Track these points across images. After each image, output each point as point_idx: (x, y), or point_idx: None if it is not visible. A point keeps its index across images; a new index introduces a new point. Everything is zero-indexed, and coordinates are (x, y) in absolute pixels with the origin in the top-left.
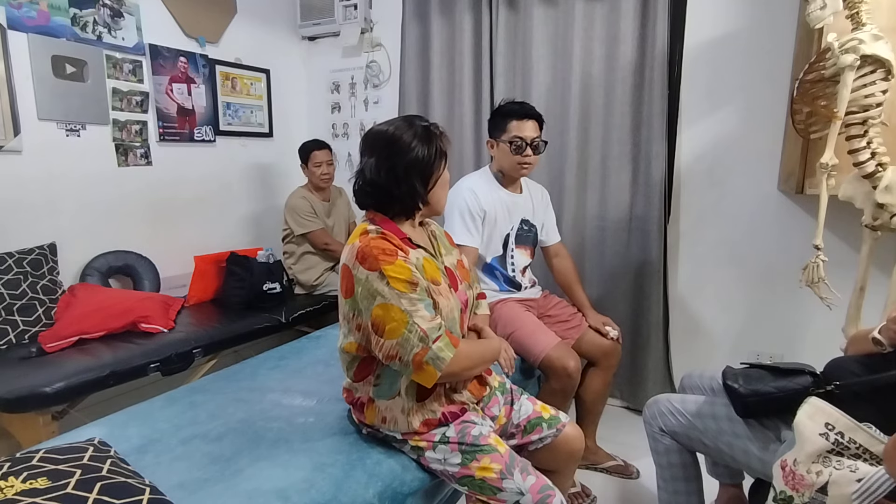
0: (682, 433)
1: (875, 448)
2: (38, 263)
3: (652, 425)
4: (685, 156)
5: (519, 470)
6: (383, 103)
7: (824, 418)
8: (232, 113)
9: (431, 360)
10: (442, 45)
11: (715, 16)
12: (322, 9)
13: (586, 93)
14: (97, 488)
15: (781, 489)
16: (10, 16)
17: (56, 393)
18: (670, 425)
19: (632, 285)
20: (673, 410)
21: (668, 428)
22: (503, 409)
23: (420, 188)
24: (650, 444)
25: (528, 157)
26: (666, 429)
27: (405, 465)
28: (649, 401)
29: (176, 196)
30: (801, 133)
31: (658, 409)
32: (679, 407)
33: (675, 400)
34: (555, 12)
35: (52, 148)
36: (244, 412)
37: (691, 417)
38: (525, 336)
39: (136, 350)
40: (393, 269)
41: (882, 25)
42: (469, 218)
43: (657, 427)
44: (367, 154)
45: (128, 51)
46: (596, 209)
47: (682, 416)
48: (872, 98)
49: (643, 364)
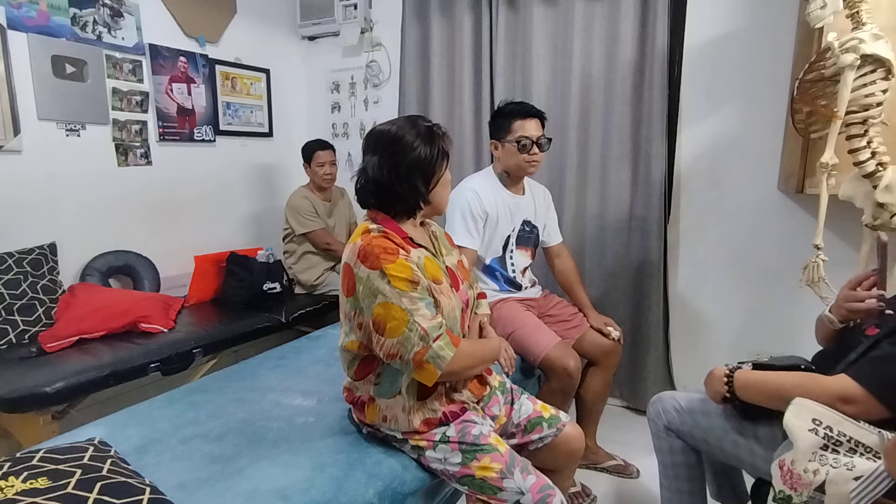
0: (687, 431)
1: (867, 440)
2: (38, 263)
3: (657, 423)
4: (685, 156)
5: (519, 469)
6: (383, 103)
7: (810, 415)
8: (232, 113)
9: (432, 359)
10: (442, 44)
11: (715, 16)
12: (322, 8)
13: (586, 92)
14: (97, 488)
15: (780, 488)
16: (10, 16)
17: (56, 393)
18: (675, 422)
19: (632, 285)
20: (678, 408)
21: (673, 425)
22: (503, 408)
23: (422, 187)
24: (654, 442)
25: (535, 155)
26: (671, 426)
27: (405, 464)
28: (654, 398)
29: (176, 196)
30: (801, 133)
31: (662, 406)
32: (684, 404)
33: (679, 397)
34: (555, 12)
35: (52, 148)
36: (244, 412)
37: (697, 415)
38: (525, 336)
39: (136, 350)
40: (394, 267)
41: (882, 25)
42: (470, 219)
43: (662, 425)
44: (370, 153)
45: (128, 50)
46: (596, 209)
47: (688, 414)
48: (873, 98)
49: (643, 364)
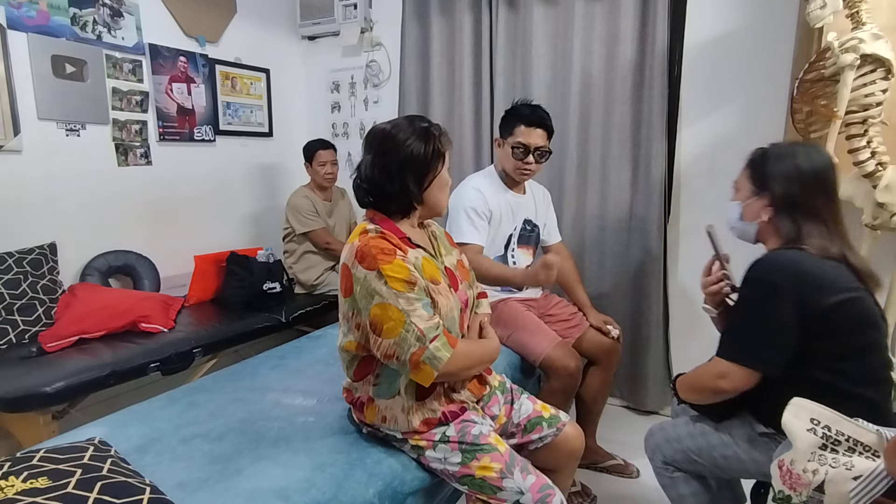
0: (682, 459)
1: (866, 439)
2: (38, 263)
3: (655, 460)
4: (685, 155)
5: (519, 469)
6: (383, 103)
7: (808, 414)
8: (232, 112)
9: (428, 360)
10: (442, 44)
11: (715, 15)
12: (322, 8)
13: (586, 92)
14: (97, 488)
15: (780, 489)
16: (10, 15)
17: (56, 392)
18: (671, 454)
19: (632, 285)
20: (668, 438)
21: (670, 458)
22: (503, 408)
23: (413, 187)
24: (657, 479)
25: (529, 164)
26: (667, 459)
27: (405, 464)
28: (647, 433)
29: (176, 196)
30: (801, 132)
31: (655, 441)
32: (672, 433)
33: (668, 427)
34: (555, 11)
35: (52, 148)
36: (244, 412)
37: (684, 441)
38: (525, 335)
39: (137, 350)
40: (391, 268)
41: (882, 24)
42: (476, 216)
43: (660, 461)
44: (366, 151)
45: (127, 50)
46: (596, 208)
47: (677, 442)
48: (872, 97)
49: (643, 363)
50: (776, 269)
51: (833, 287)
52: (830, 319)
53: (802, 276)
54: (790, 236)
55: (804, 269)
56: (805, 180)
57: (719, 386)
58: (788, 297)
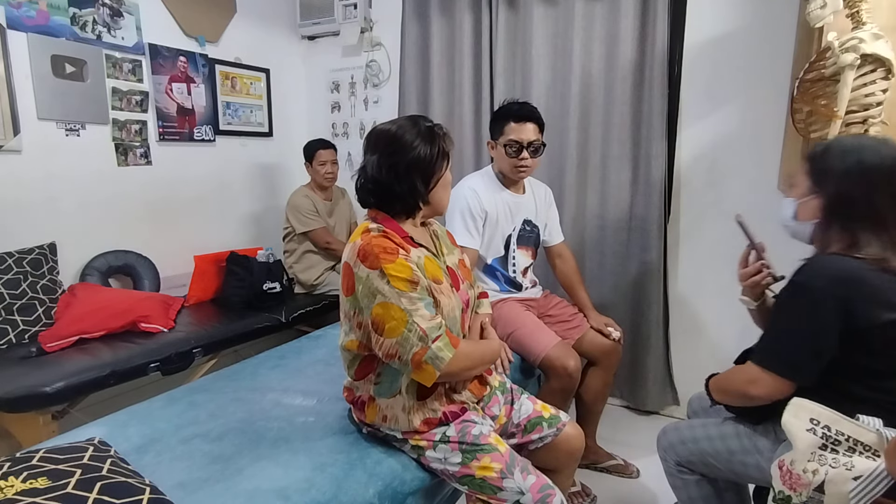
0: (697, 461)
1: (865, 438)
2: (38, 263)
3: (668, 461)
4: (685, 155)
5: (519, 469)
6: (383, 103)
7: (808, 414)
8: (232, 112)
9: (430, 360)
10: (442, 44)
11: (715, 15)
12: (322, 8)
13: (586, 92)
14: (97, 488)
15: (780, 489)
16: (10, 15)
17: (56, 393)
18: (685, 455)
19: (632, 285)
20: (683, 439)
21: (683, 458)
22: (503, 408)
23: (421, 187)
24: (668, 480)
25: (524, 160)
26: (681, 460)
27: (405, 464)
28: (660, 432)
29: (176, 196)
30: (801, 132)
31: (668, 441)
32: (687, 434)
33: (683, 427)
34: (555, 11)
35: (52, 148)
36: (244, 412)
37: (700, 443)
38: (525, 336)
39: (136, 350)
40: (393, 267)
41: (882, 24)
42: (470, 219)
43: (672, 462)
44: (370, 152)
45: (127, 50)
46: (596, 209)
47: (693, 444)
48: (873, 97)
49: (643, 364)
50: (824, 276)
51: (889, 303)
52: (882, 337)
53: (854, 286)
54: (845, 242)
55: (857, 279)
56: (867, 179)
57: (749, 391)
58: (833, 307)
